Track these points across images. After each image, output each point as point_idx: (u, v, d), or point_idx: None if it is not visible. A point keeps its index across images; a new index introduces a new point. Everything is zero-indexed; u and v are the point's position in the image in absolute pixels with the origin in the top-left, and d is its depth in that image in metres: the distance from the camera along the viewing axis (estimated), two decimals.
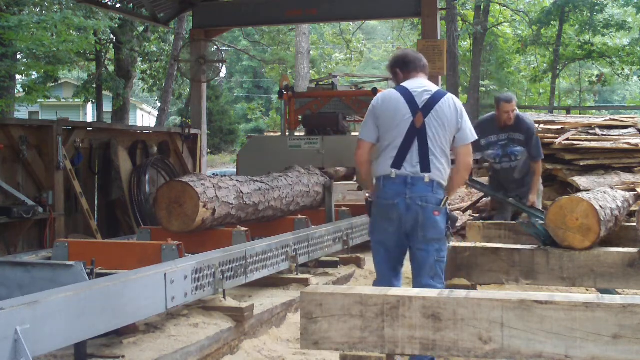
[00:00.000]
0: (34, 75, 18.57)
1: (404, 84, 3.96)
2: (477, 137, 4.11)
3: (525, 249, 4.24)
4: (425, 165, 3.80)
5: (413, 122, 3.81)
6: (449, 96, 3.94)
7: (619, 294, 4.48)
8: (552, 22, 22.13)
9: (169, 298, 3.84)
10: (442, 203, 3.82)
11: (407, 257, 3.99)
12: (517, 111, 6.32)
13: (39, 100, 17.88)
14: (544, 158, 6.36)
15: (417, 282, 3.87)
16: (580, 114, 18.74)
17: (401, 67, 4.05)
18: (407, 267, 4.01)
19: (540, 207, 6.22)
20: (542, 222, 4.34)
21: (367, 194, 4.14)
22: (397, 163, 3.81)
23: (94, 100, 21.15)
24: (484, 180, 6.98)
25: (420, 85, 3.93)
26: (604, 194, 4.65)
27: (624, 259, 4.05)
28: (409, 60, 4.04)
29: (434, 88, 3.95)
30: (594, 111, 22.68)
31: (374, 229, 3.98)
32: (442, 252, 3.86)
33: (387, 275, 3.94)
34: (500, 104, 6.19)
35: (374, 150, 4.00)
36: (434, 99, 3.86)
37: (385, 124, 3.88)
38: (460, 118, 3.92)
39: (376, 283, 4.01)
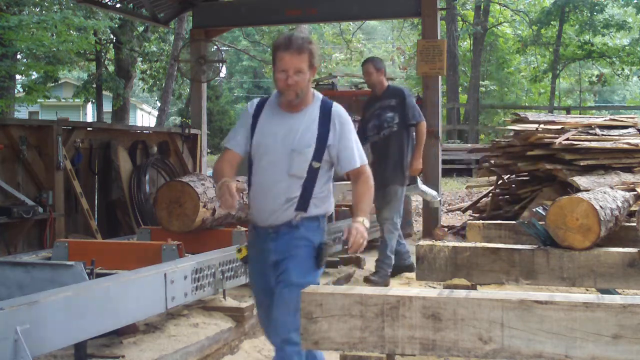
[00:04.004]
0: (34, 75, 18.56)
1: None
2: None
3: (525, 249, 4.24)
4: None
5: None
6: None
7: (619, 294, 4.48)
8: (552, 22, 22.16)
9: (169, 298, 3.84)
10: None
11: None
12: (388, 82, 6.52)
13: (39, 100, 17.87)
14: (423, 120, 6.27)
15: None
16: (580, 114, 18.77)
17: None
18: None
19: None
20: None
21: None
22: None
23: (94, 100, 21.16)
24: None
25: None
26: (604, 194, 4.65)
27: (624, 259, 4.04)
28: None
29: None
30: (594, 111, 22.70)
31: None
32: None
33: None
34: (362, 67, 6.63)
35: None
36: None
37: None
38: None
39: None
